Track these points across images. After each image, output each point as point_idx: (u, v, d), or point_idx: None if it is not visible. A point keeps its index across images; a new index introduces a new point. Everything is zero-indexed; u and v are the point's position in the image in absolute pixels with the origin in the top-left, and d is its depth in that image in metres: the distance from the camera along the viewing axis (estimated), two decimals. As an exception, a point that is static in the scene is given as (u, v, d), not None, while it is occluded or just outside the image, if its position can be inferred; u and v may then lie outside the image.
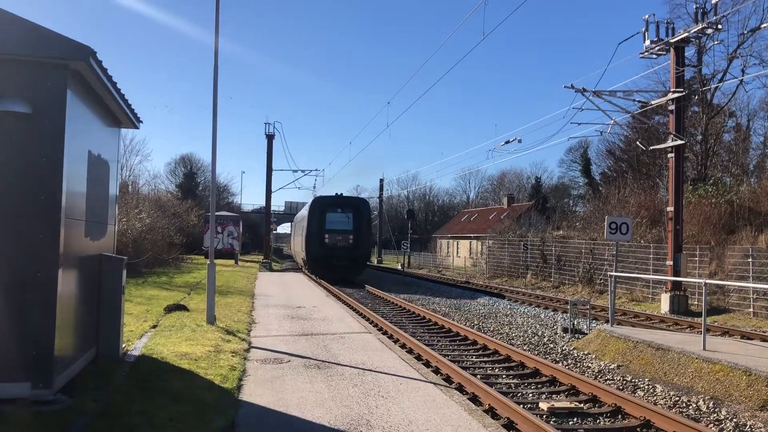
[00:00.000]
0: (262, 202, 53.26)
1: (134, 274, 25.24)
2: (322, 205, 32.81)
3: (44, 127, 6.78)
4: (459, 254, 62.23)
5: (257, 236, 77.19)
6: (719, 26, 21.12)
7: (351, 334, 13.30)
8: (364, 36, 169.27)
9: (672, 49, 22.30)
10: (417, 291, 28.96)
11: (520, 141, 26.38)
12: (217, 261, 40.49)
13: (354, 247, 32.30)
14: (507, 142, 27.49)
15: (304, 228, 34.50)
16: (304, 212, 38.11)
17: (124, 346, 9.86)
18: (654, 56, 23.15)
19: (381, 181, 73.66)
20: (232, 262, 45.81)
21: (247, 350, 10.95)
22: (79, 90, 7.43)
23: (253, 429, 6.63)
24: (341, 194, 33.72)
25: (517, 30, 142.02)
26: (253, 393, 8.06)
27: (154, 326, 12.80)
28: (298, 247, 42.59)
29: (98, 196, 8.60)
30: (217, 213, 50.72)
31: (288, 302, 19.64)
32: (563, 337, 15.35)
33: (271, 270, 46.30)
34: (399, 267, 55.35)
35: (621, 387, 10.41)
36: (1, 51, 6.65)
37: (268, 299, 20.45)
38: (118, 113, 9.24)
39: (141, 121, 10.04)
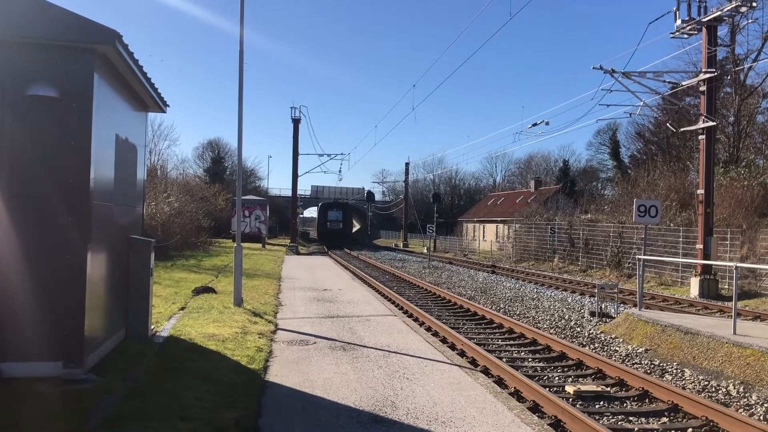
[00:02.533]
0: (289, 187, 53.55)
1: (163, 257, 25.59)
2: (324, 207, 70.79)
3: (72, 111, 6.84)
4: (485, 238, 61.92)
5: (284, 220, 77.70)
6: (754, 4, 20.47)
7: (376, 316, 13.31)
8: (389, 23, 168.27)
9: (704, 29, 21.71)
10: (442, 275, 29.01)
11: (547, 123, 26.09)
12: (244, 244, 41.03)
13: (342, 228, 69.91)
14: (534, 125, 27.16)
15: (316, 219, 69.66)
16: (315, 211, 71.33)
17: (152, 327, 9.99)
18: (685, 36, 22.57)
19: (406, 165, 73.54)
20: (259, 245, 46.19)
21: (274, 332, 11.03)
22: (106, 74, 7.48)
23: (280, 409, 6.68)
24: (336, 200, 69.08)
25: (544, 10, 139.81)
26: (279, 374, 8.12)
27: (183, 308, 12.96)
28: (315, 230, 77.78)
29: (126, 179, 8.68)
30: (244, 197, 51.13)
31: (314, 285, 19.75)
32: (590, 321, 15.21)
33: (298, 254, 46.58)
34: (425, 251, 55.34)
35: (649, 371, 10.28)
36: (30, 35, 6.71)
37: (294, 282, 20.60)
38: (144, 97, 9.30)
39: (167, 105, 10.09)
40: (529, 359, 10.94)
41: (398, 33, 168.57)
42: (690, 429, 7.47)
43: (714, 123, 21.82)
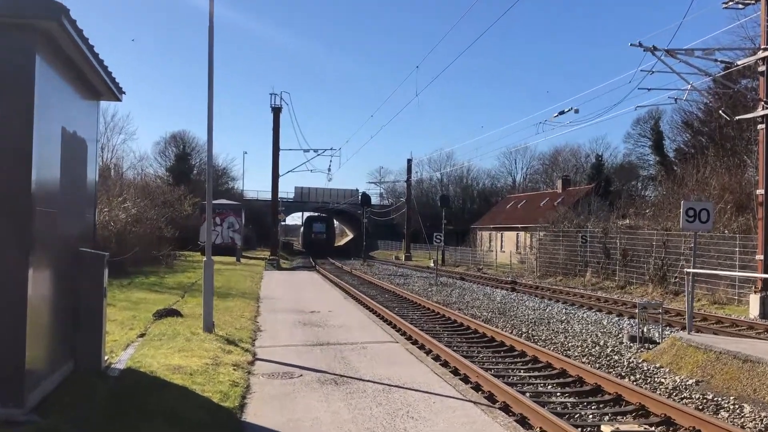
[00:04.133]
0: (268, 188, 53.71)
1: (118, 273, 25.57)
2: (310, 219, 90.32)
3: (9, 100, 6.84)
4: (503, 248, 61.97)
5: (263, 228, 77.69)
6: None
7: (374, 343, 13.36)
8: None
9: (763, -3, 21.81)
10: (453, 293, 29.08)
11: (576, 111, 26.14)
12: (215, 258, 40.73)
13: (326, 239, 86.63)
14: (561, 113, 27.25)
15: (301, 229, 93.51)
16: (300, 219, 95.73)
17: (106, 358, 9.98)
18: (740, 6, 22.68)
19: (409, 161, 73.86)
20: (232, 259, 46.21)
21: (252, 363, 11.04)
22: (50, 55, 7.47)
23: (259, 456, 6.67)
24: (320, 214, 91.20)
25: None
26: (259, 413, 8.11)
27: (142, 335, 12.95)
28: (300, 239, 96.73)
29: (74, 181, 8.69)
30: (214, 201, 51.05)
31: (299, 306, 19.80)
32: (630, 347, 15.21)
33: (280, 268, 46.61)
34: (431, 264, 55.34)
35: (701, 407, 10.28)
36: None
37: (275, 303, 20.66)
38: (96, 82, 9.31)
39: (124, 92, 10.12)
40: (558, 393, 10.94)
41: (397, 6, 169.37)
42: (751, 476, 7.47)
43: (775, 110, 21.90)
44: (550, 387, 11.39)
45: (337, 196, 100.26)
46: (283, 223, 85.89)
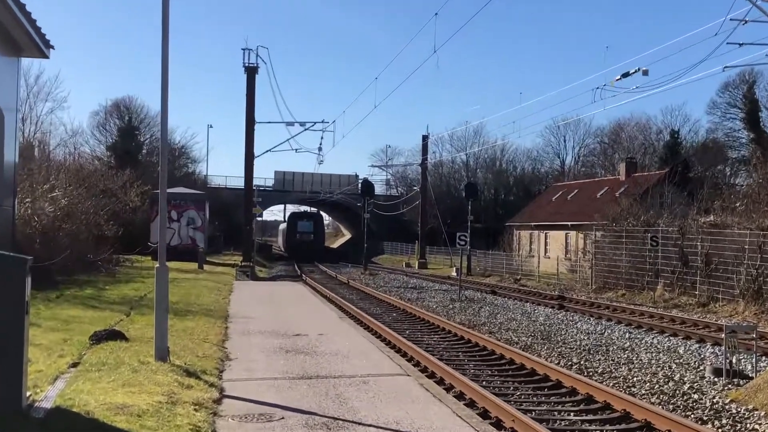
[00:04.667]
0: (240, 173, 53.70)
1: (45, 283, 25.56)
2: (295, 216, 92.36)
3: None
4: (548, 253, 61.82)
5: (233, 226, 77.80)
6: None
7: (379, 377, 13.36)
8: None
9: None
10: (482, 311, 29.12)
11: (645, 73, 26.04)
12: (171, 264, 40.57)
13: (313, 240, 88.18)
14: (625, 76, 27.16)
15: (284, 229, 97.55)
16: (281, 213, 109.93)
17: (29, 394, 10.00)
18: None
19: (424, 139, 73.65)
20: (194, 265, 46.22)
21: (218, 401, 11.04)
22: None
23: None
24: (307, 210, 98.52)
25: None
26: (227, 467, 8.13)
27: (75, 364, 12.91)
28: (282, 240, 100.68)
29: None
30: (170, 190, 50.98)
31: (281, 327, 19.80)
32: (714, 383, 15.18)
33: (255, 278, 46.62)
34: (453, 273, 55.17)
35: (807, 462, 10.26)
36: None
37: (249, 323, 20.66)
38: (16, 34, 9.33)
39: (52, 47, 10.16)
40: (619, 444, 10.94)
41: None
42: None
43: None
44: (609, 435, 11.41)
45: (330, 184, 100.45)
46: (259, 218, 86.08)
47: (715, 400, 13.70)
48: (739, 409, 12.96)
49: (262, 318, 22.09)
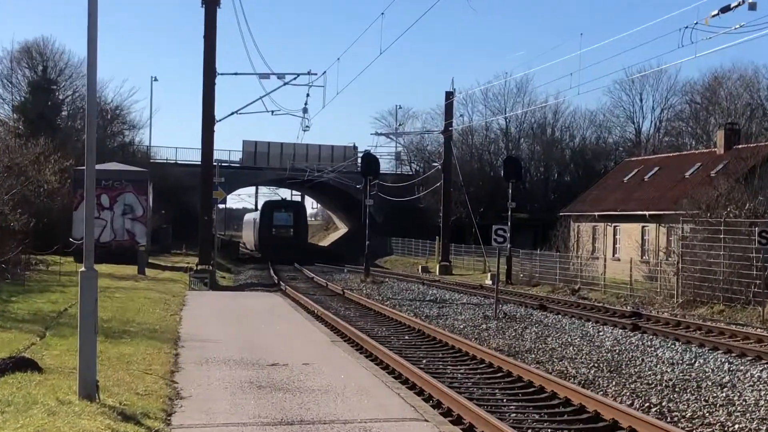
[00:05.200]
0: (193, 145, 53.12)
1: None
2: (270, 206, 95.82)
3: None
4: (617, 253, 61.66)
5: (186, 216, 77.91)
6: None
7: (385, 423, 13.30)
8: None
9: None
10: (526, 333, 29.13)
11: (753, 7, 25.74)
12: (102, 268, 40.63)
13: (293, 236, 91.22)
14: (724, 11, 26.86)
15: (255, 221, 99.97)
16: (251, 199, 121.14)
17: None
18: None
19: (449, 96, 73.37)
20: (133, 269, 46.21)
21: (164, 460, 10.87)
22: None
23: None
24: (284, 199, 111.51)
25: None
26: None
27: (-34, 404, 12.78)
28: (254, 234, 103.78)
29: None
30: (101, 166, 50.93)
31: (252, 354, 19.84)
32: None
33: (216, 287, 46.58)
34: (488, 281, 54.99)
35: None
36: None
37: (208, 348, 20.71)
38: None
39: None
40: None
41: None
42: None
43: None
44: None
45: (320, 159, 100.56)
46: (221, 206, 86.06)
47: None
48: None
49: (226, 341, 22.14)
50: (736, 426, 15.64)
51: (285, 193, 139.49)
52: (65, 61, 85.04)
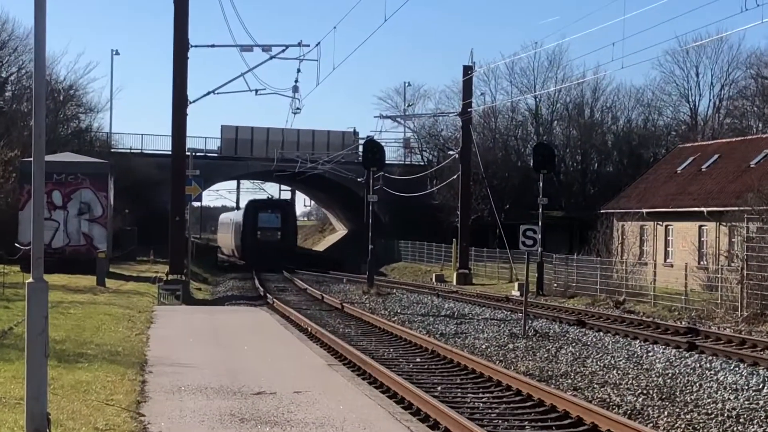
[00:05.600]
0: (164, 131, 52.90)
1: None
2: (253, 206, 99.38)
3: None
4: (670, 258, 61.56)
5: (154, 216, 77.81)
6: None
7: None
8: None
9: None
10: (561, 353, 29.17)
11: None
12: (53, 278, 40.56)
13: (279, 240, 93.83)
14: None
15: (237, 222, 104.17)
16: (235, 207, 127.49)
17: None
18: None
19: (467, 71, 73.27)
20: (91, 279, 46.14)
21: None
22: None
23: None
24: (270, 197, 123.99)
25: None
26: None
27: None
28: (234, 239, 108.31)
29: None
30: (52, 157, 50.87)
31: (233, 381, 19.74)
32: None
33: (190, 300, 46.51)
34: (514, 292, 54.97)
35: None
36: None
37: (181, 374, 20.61)
38: None
39: None
40: None
41: None
42: None
43: None
44: None
45: (313, 147, 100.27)
46: (196, 204, 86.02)
47: None
48: None
49: (203, 365, 22.02)
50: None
51: (272, 188, 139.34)
52: (8, 32, 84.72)
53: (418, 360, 27.55)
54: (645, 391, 22.35)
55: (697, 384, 23.42)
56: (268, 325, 33.71)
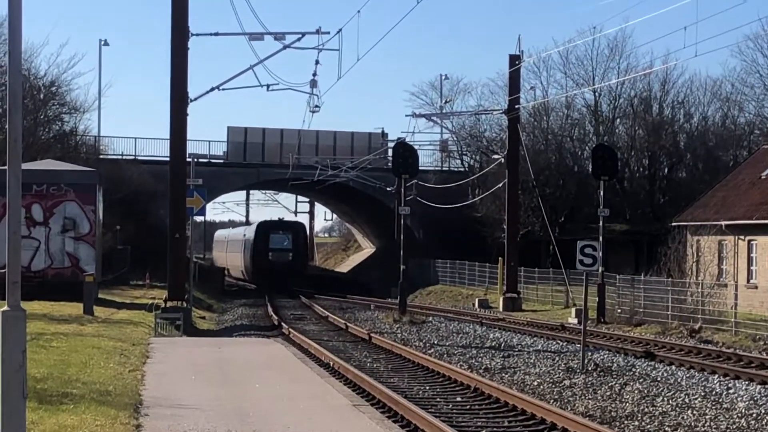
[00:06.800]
0: (161, 134, 52.80)
1: None
2: (265, 227, 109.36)
3: None
4: (754, 277, 61.45)
5: (150, 232, 78.02)
6: None
7: None
8: None
9: None
10: (626, 392, 29.00)
11: None
12: (33, 306, 40.66)
13: (290, 261, 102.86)
14: None
15: (246, 243, 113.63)
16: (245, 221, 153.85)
17: None
18: None
19: (513, 62, 73.38)
20: (77, 307, 46.24)
21: None
22: None
23: None
24: (281, 219, 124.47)
25: None
26: None
27: None
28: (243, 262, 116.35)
29: None
30: (30, 165, 51.00)
31: (243, 425, 19.78)
32: None
33: (192, 331, 46.58)
34: (571, 319, 54.91)
35: None
36: None
37: (182, 416, 20.63)
38: None
39: None
40: None
41: None
42: None
43: None
44: None
45: (335, 151, 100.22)
46: (199, 219, 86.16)
47: None
48: None
49: (207, 407, 22.04)
50: None
51: (288, 200, 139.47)
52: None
53: (458, 399, 27.45)
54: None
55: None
56: (283, 359, 33.72)
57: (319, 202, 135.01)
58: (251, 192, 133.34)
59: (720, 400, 27.26)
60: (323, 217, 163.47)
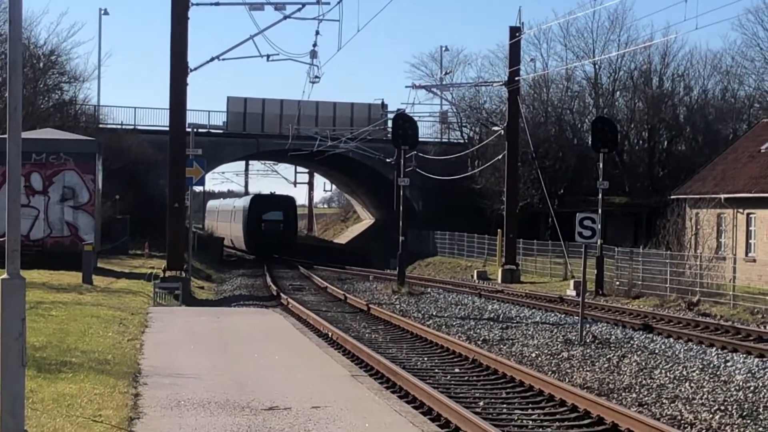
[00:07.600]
0: (161, 103, 52.73)
1: None
2: (259, 201, 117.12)
3: None
4: (752, 251, 61.41)
5: (149, 202, 77.84)
6: None
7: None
8: None
9: None
10: (624, 364, 29.11)
11: None
12: (31, 274, 40.59)
13: (281, 232, 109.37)
14: None
15: (242, 215, 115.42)
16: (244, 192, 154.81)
17: None
18: None
19: (514, 33, 73.14)
20: (76, 276, 46.17)
21: None
22: None
23: None
24: (273, 192, 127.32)
25: None
26: None
27: None
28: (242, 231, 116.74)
29: None
30: (30, 134, 50.89)
31: (241, 393, 19.74)
32: None
33: (190, 301, 46.52)
34: (570, 291, 54.87)
35: None
36: None
37: (180, 385, 20.60)
38: None
39: None
40: None
41: None
42: None
43: None
44: None
45: (334, 122, 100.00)
46: (199, 189, 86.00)
47: None
48: None
49: (206, 376, 22.02)
50: None
51: (287, 170, 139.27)
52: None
53: (456, 370, 27.51)
54: (722, 408, 22.26)
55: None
56: (281, 329, 33.70)
57: (319, 173, 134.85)
58: (250, 162, 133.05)
59: (718, 373, 27.28)
60: (322, 188, 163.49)
